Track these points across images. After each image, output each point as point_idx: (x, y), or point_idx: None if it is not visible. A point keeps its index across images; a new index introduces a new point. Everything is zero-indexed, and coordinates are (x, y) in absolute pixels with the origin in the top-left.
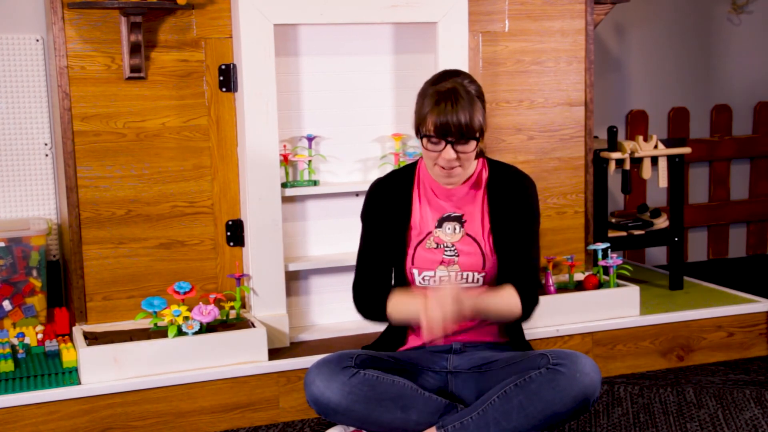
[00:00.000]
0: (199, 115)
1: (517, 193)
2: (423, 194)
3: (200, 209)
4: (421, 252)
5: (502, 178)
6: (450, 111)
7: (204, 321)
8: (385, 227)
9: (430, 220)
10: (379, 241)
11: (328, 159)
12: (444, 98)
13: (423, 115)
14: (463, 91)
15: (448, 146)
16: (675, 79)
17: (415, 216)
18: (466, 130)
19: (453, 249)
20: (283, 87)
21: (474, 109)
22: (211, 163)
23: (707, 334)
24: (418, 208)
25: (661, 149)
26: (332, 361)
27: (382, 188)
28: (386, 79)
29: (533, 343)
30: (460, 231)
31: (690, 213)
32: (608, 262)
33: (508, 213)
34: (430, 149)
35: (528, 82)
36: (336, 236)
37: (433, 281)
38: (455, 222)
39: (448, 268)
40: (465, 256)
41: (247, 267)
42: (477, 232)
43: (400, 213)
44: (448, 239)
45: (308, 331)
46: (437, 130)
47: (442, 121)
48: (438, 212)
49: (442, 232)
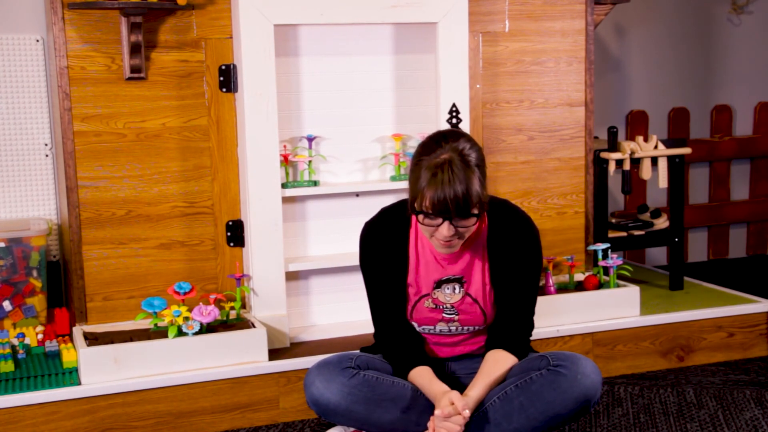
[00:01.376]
0: (199, 115)
1: (520, 246)
2: (420, 253)
3: (200, 209)
4: (419, 309)
5: (503, 230)
6: (448, 187)
7: (204, 321)
8: (385, 280)
9: (427, 281)
10: (383, 292)
11: (328, 159)
12: (441, 172)
13: (419, 190)
14: (461, 162)
15: (446, 223)
16: (675, 79)
17: (413, 274)
18: (465, 206)
19: (452, 309)
20: (283, 87)
21: (473, 182)
22: (211, 163)
23: (707, 334)
24: (416, 267)
25: (661, 149)
26: (332, 362)
27: (375, 236)
28: (386, 79)
29: (533, 344)
30: (459, 291)
31: (690, 213)
32: (608, 263)
33: (510, 268)
34: (427, 224)
35: (528, 82)
36: (336, 236)
37: (432, 332)
38: (455, 283)
39: (449, 324)
40: (465, 314)
41: (248, 267)
42: (477, 291)
43: (396, 268)
44: (448, 300)
45: (308, 331)
46: (434, 208)
47: (439, 198)
48: (436, 273)
49: (441, 293)
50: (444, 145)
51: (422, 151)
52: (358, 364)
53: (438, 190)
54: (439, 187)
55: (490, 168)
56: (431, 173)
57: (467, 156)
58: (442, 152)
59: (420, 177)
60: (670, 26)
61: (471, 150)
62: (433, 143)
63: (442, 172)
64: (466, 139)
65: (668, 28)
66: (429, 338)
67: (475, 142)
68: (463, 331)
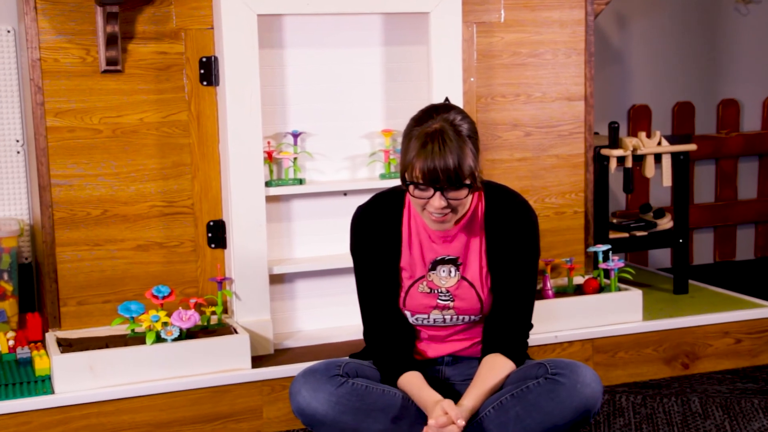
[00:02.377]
0: (178, 110)
1: (518, 230)
2: (414, 232)
3: (180, 209)
4: (413, 295)
5: (501, 212)
6: (438, 155)
7: (184, 327)
8: (377, 265)
9: (422, 262)
10: (375, 278)
11: (314, 156)
12: (431, 141)
13: (409, 160)
14: (452, 131)
15: (438, 193)
16: (679, 72)
17: (406, 256)
18: (457, 176)
19: (448, 294)
20: (267, 80)
21: (465, 151)
22: (191, 160)
23: (713, 340)
24: (409, 247)
25: (664, 146)
26: (319, 370)
27: (367, 220)
28: (376, 72)
29: (530, 351)
30: (455, 275)
31: (695, 213)
32: (609, 265)
33: (508, 253)
34: (418, 196)
35: (525, 75)
36: (323, 237)
37: (426, 322)
38: (450, 265)
39: (443, 312)
40: (461, 300)
41: (229, 270)
42: (474, 275)
43: (389, 252)
44: (443, 284)
45: (293, 337)
46: (425, 177)
47: (429, 167)
48: (431, 254)
49: (436, 276)
50: (435, 117)
51: (414, 123)
52: (346, 372)
53: (428, 159)
54: (430, 156)
55: (485, 166)
56: (421, 143)
57: (459, 126)
58: (433, 122)
59: (410, 147)
60: (674, 16)
61: (463, 121)
62: (424, 115)
63: (432, 141)
64: (458, 111)
65: (672, 18)
66: (421, 330)
67: (467, 114)
68: (457, 321)
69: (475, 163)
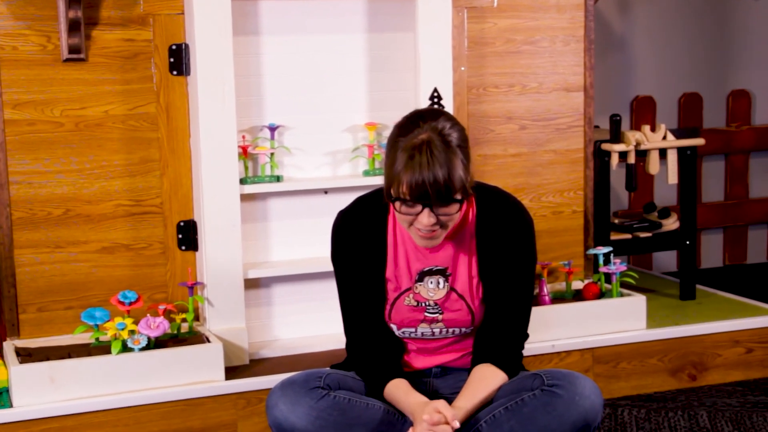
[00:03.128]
0: (146, 101)
1: (513, 236)
2: (399, 240)
3: (148, 208)
4: (399, 308)
5: (494, 217)
6: (426, 169)
7: (152, 335)
8: (360, 276)
9: (408, 273)
10: (358, 288)
11: (293, 151)
12: (419, 153)
13: (394, 175)
14: (441, 142)
15: (426, 210)
16: (686, 60)
17: (391, 267)
18: (447, 191)
19: (436, 306)
20: (241, 70)
21: (455, 164)
22: (160, 156)
23: (723, 350)
24: (394, 257)
25: (670, 140)
26: (298, 382)
27: (349, 226)
28: (359, 60)
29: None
30: (444, 286)
31: (703, 213)
32: (610, 269)
33: (502, 261)
34: (405, 212)
35: (519, 64)
36: (302, 239)
37: (413, 335)
38: (438, 276)
39: (431, 325)
40: (450, 313)
41: (201, 274)
42: (464, 287)
43: (373, 262)
44: (431, 296)
45: (270, 346)
46: (412, 193)
47: (417, 182)
48: (418, 264)
49: (424, 287)
50: (422, 125)
51: (398, 132)
52: (327, 384)
53: (416, 173)
54: (417, 170)
55: (476, 161)
56: (408, 155)
57: (448, 136)
58: (420, 132)
59: (396, 160)
60: (681, 1)
61: (452, 129)
62: (409, 123)
63: (420, 153)
64: (447, 117)
65: (678, 2)
66: (409, 342)
67: (457, 121)
68: (447, 333)
69: (465, 175)
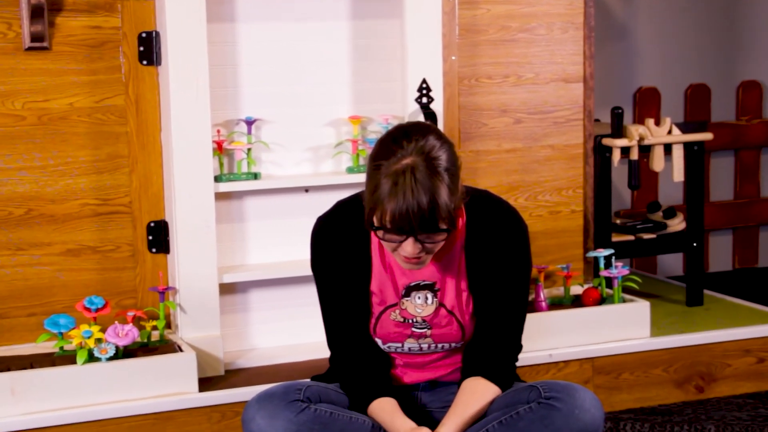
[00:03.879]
0: (114, 93)
1: (505, 248)
2: (385, 252)
3: (116, 208)
4: (384, 323)
5: (485, 226)
6: (410, 198)
7: (120, 344)
8: (342, 288)
9: (394, 287)
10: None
11: (271, 147)
12: (403, 179)
13: (376, 202)
14: (425, 167)
15: (410, 239)
16: (693, 49)
17: (376, 280)
18: (432, 219)
19: (424, 323)
20: (216, 59)
21: (440, 191)
22: (129, 151)
23: (732, 359)
24: (380, 270)
25: (676, 135)
26: (277, 394)
27: (330, 232)
28: (342, 49)
29: (520, 372)
30: (432, 302)
31: (712, 212)
32: (612, 273)
33: (493, 275)
34: (388, 240)
35: (514, 53)
36: (281, 240)
37: (400, 350)
38: (426, 291)
39: (419, 341)
40: (439, 329)
41: (173, 278)
42: (453, 301)
43: (356, 274)
44: (419, 312)
45: (247, 356)
46: (395, 223)
47: (401, 212)
48: (404, 278)
49: (411, 304)
50: (406, 146)
51: (380, 153)
52: (308, 397)
53: (399, 202)
54: (401, 199)
55: (468, 157)
56: (391, 182)
57: (435, 159)
58: (404, 155)
59: (378, 186)
60: None
61: (440, 150)
62: (392, 143)
63: (404, 180)
64: (435, 135)
65: None
66: (396, 357)
67: (446, 139)
68: (437, 349)
69: (453, 201)
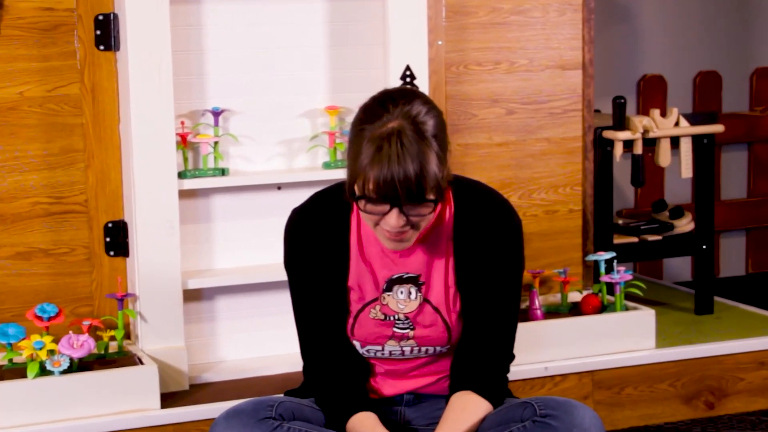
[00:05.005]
0: (68, 81)
1: (496, 241)
2: (365, 243)
3: (70, 207)
4: (363, 322)
5: (475, 218)
6: (396, 165)
7: (75, 356)
8: (317, 284)
9: (374, 281)
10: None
11: (240, 140)
12: (387, 145)
13: (359, 169)
14: (412, 132)
15: (395, 210)
16: (703, 34)
17: (354, 274)
18: (419, 189)
19: (407, 321)
20: (180, 44)
21: (428, 157)
22: (84, 145)
23: (746, 373)
24: (358, 262)
25: (684, 127)
26: (246, 411)
27: (305, 226)
28: (318, 33)
29: (513, 387)
30: (416, 297)
31: (723, 212)
32: (614, 278)
33: (482, 270)
34: (370, 212)
35: (507, 37)
36: (251, 243)
37: (380, 354)
38: (410, 285)
39: (401, 343)
40: (423, 328)
41: (133, 284)
42: (439, 297)
43: (333, 268)
44: (401, 308)
45: (214, 369)
46: (379, 191)
47: (385, 179)
48: (385, 270)
49: (392, 298)
50: (392, 110)
51: (364, 118)
52: (280, 414)
53: (384, 169)
54: (386, 165)
55: (456, 151)
56: (375, 147)
57: (422, 124)
58: (390, 119)
59: (361, 152)
60: None
61: (428, 116)
62: (377, 106)
63: (388, 145)
64: (422, 100)
65: None
66: (376, 363)
67: (433, 104)
68: (420, 353)
69: (441, 170)
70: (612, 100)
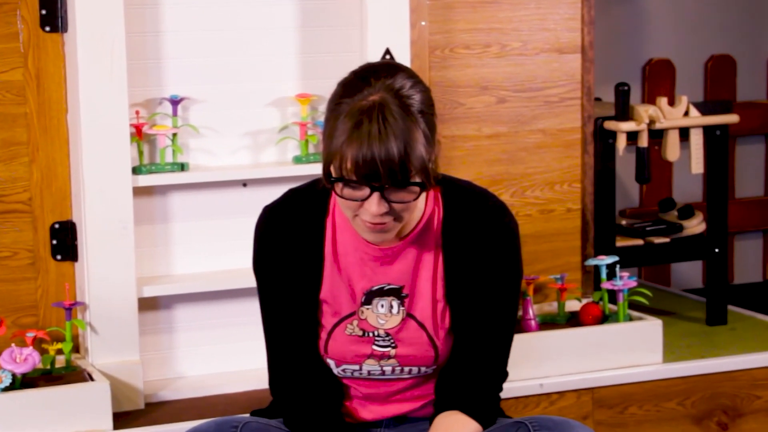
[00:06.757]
0: (10, 66)
1: (490, 249)
2: (341, 248)
3: (12, 206)
4: (338, 338)
5: (467, 223)
6: (377, 141)
7: (18, 371)
8: (288, 294)
9: (351, 293)
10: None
11: (202, 132)
12: (368, 120)
13: (335, 147)
14: (397, 106)
15: (376, 195)
16: (715, 15)
17: (328, 285)
18: (403, 169)
19: (388, 338)
20: (135, 26)
21: (414, 135)
22: (28, 137)
23: (762, 390)
24: (333, 272)
25: (694, 117)
26: None
27: (276, 227)
28: (287, 14)
29: (505, 405)
30: (399, 311)
31: (737, 212)
32: (616, 285)
33: (475, 282)
34: (348, 197)
35: (497, 17)
36: (214, 246)
37: (357, 374)
38: (392, 297)
39: (381, 362)
40: (406, 346)
41: (82, 291)
42: (425, 313)
43: (305, 276)
44: (381, 324)
45: (172, 386)
46: (358, 172)
47: (365, 158)
48: (365, 281)
49: (372, 312)
50: (374, 83)
51: (343, 92)
52: None
53: (363, 146)
54: (366, 142)
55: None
56: (354, 122)
57: (407, 98)
58: (371, 92)
59: (337, 128)
60: None
61: (413, 89)
62: (358, 81)
63: (369, 120)
64: (406, 73)
65: None
66: (352, 385)
67: (419, 79)
68: (402, 374)
69: (429, 151)
70: (614, 88)
